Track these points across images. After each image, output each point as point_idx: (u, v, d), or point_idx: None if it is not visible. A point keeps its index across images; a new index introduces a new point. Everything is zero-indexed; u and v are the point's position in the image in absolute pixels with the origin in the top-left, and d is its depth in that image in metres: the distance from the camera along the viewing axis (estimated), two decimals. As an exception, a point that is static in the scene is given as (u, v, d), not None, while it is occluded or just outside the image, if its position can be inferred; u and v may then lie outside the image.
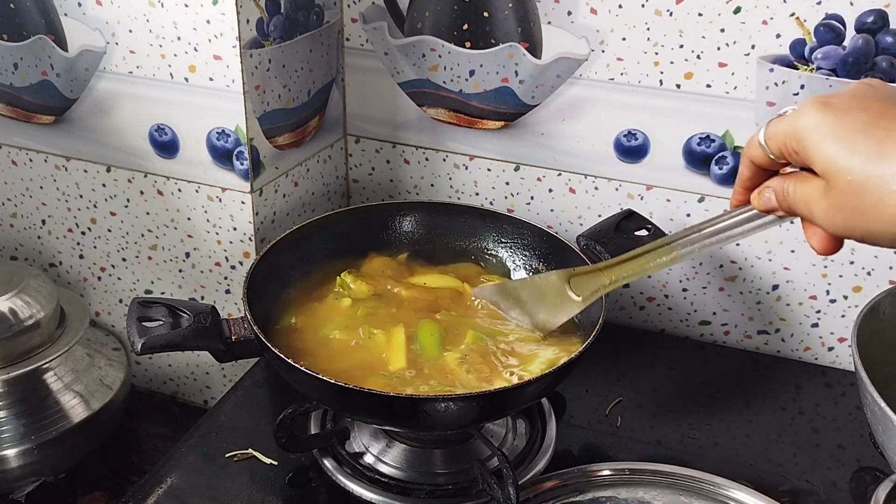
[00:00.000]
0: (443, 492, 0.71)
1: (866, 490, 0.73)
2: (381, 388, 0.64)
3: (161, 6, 0.80)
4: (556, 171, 0.94)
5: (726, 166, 0.86)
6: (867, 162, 0.43)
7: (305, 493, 0.72)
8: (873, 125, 0.44)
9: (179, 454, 0.75)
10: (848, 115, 0.45)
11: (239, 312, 0.94)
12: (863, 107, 0.45)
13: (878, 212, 0.43)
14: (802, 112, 0.47)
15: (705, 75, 0.83)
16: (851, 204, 0.45)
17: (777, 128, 0.49)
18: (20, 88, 0.92)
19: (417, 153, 0.99)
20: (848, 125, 0.44)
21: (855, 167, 0.44)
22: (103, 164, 0.93)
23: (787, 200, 0.50)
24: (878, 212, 0.43)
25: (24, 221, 1.03)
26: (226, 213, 0.88)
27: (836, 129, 0.45)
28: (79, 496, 0.93)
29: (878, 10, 0.75)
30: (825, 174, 0.46)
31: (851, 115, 0.45)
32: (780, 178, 0.51)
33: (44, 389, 0.90)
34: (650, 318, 0.98)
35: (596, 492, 0.70)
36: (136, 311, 0.67)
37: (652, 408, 0.85)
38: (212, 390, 1.05)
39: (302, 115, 0.91)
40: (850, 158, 0.44)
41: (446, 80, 0.93)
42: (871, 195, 0.43)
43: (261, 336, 0.66)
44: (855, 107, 0.45)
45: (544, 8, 0.86)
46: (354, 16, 0.94)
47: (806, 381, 0.90)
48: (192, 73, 0.82)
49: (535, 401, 0.78)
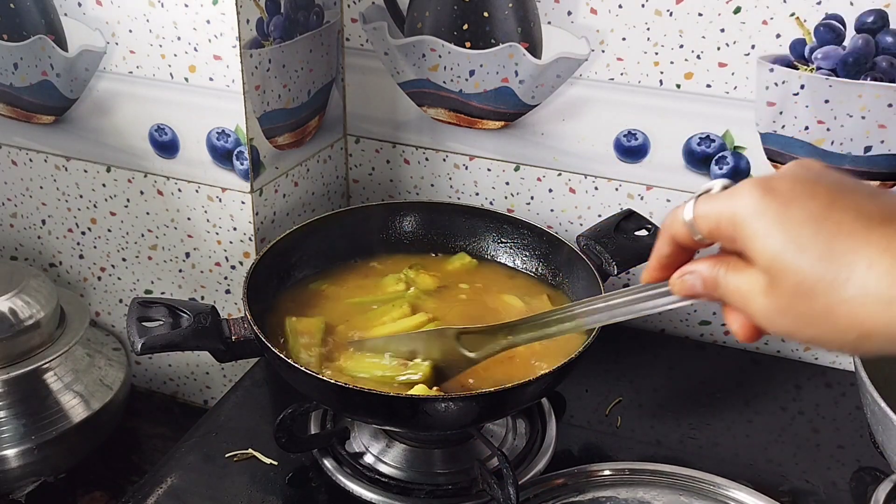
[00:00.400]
0: (443, 492, 0.71)
1: (866, 490, 0.73)
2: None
3: (161, 6, 0.80)
4: (556, 171, 0.94)
5: (726, 166, 0.86)
6: (817, 262, 0.38)
7: (305, 493, 0.72)
8: (823, 217, 0.38)
9: (179, 454, 0.75)
10: (794, 204, 0.39)
11: (239, 312, 0.94)
12: (810, 193, 0.39)
13: (828, 320, 0.38)
14: (741, 194, 0.40)
15: (705, 75, 0.83)
16: (798, 308, 0.39)
17: (710, 207, 0.42)
18: (20, 88, 0.92)
19: (417, 153, 0.99)
20: (795, 216, 0.39)
21: (804, 268, 0.38)
22: (103, 164, 0.93)
23: (717, 290, 0.44)
24: (829, 320, 0.38)
25: (24, 221, 1.03)
26: (226, 213, 0.88)
27: (781, 219, 0.39)
28: (79, 496, 0.93)
29: (878, 10, 0.75)
30: (768, 271, 0.40)
31: (798, 203, 0.39)
32: (709, 264, 0.44)
33: (44, 389, 0.90)
34: (650, 318, 0.97)
35: (596, 492, 0.70)
36: (136, 311, 0.67)
37: (652, 408, 0.85)
38: (212, 390, 1.04)
39: (302, 115, 0.91)
40: (798, 257, 0.38)
41: (446, 80, 0.93)
42: (820, 301, 0.38)
43: (261, 336, 0.66)
44: (801, 193, 0.39)
45: (544, 8, 0.86)
46: (354, 16, 0.94)
47: (806, 381, 0.90)
48: (192, 73, 0.82)
49: (535, 401, 0.78)
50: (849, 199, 0.39)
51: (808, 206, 0.39)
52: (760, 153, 0.85)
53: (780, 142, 0.83)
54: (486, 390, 0.62)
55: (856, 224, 0.38)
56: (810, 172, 0.41)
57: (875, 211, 0.38)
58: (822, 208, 0.38)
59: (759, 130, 0.84)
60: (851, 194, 0.39)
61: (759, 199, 0.40)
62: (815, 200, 0.39)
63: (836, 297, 0.37)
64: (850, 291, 0.37)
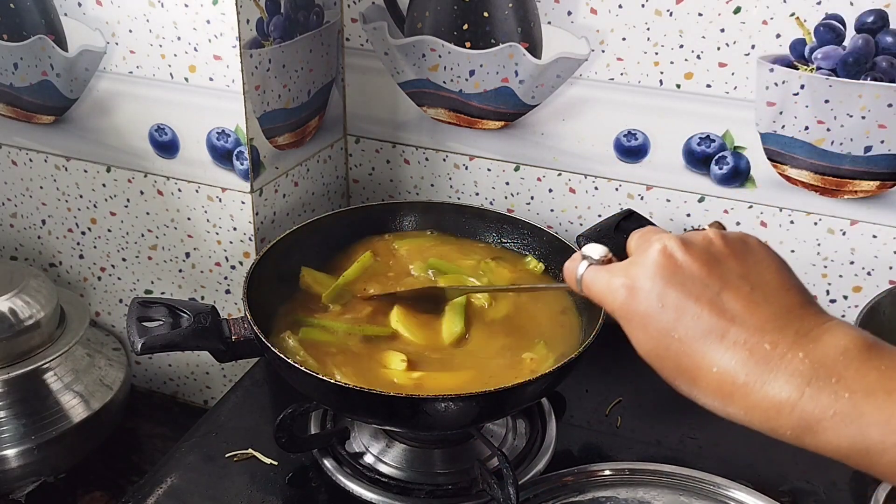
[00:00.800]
0: (443, 492, 0.71)
1: (866, 490, 0.73)
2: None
3: (161, 6, 0.80)
4: (556, 171, 0.94)
5: (726, 166, 0.86)
6: (673, 371, 0.45)
7: (305, 493, 0.72)
8: (670, 334, 0.44)
9: (179, 454, 0.75)
10: (650, 316, 0.45)
11: (239, 312, 0.94)
12: (661, 300, 0.45)
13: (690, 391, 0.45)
14: (613, 289, 0.48)
15: (705, 75, 0.83)
16: (664, 371, 0.46)
17: (593, 285, 0.50)
18: (20, 88, 0.92)
19: (417, 153, 0.99)
20: (651, 326, 0.45)
21: (665, 369, 0.46)
22: (103, 164, 0.93)
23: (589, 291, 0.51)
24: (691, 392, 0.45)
25: (24, 221, 1.03)
26: (226, 213, 0.88)
27: (642, 328, 0.46)
28: (79, 496, 0.93)
29: (878, 10, 0.75)
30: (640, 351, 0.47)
31: (652, 314, 0.45)
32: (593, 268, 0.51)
33: (44, 389, 0.90)
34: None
35: (596, 492, 0.70)
36: (136, 311, 0.67)
37: (652, 408, 0.85)
38: (212, 390, 1.04)
39: (302, 115, 0.91)
40: (660, 363, 0.46)
41: (446, 80, 0.93)
42: (682, 388, 0.45)
43: (261, 336, 0.66)
44: (655, 299, 0.45)
45: (544, 8, 0.86)
46: (354, 16, 0.94)
47: (806, 381, 0.90)
48: (192, 73, 0.82)
49: (535, 401, 0.78)
50: (691, 310, 0.44)
51: (661, 318, 0.45)
52: (760, 153, 0.85)
53: (780, 142, 0.83)
54: (486, 390, 0.62)
55: (696, 346, 0.44)
56: (668, 270, 0.45)
57: (713, 324, 0.43)
58: (670, 323, 0.44)
59: (759, 130, 0.84)
60: (696, 302, 0.44)
61: (624, 301, 0.47)
62: (665, 312, 0.45)
63: (692, 392, 0.45)
64: (698, 393, 0.44)
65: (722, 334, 0.43)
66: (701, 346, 0.43)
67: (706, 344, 0.43)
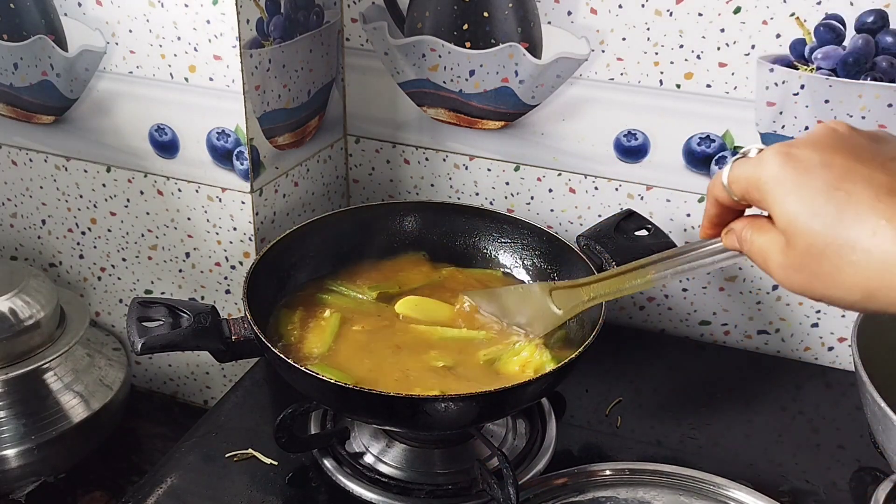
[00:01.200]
0: (443, 492, 0.71)
1: (866, 490, 0.73)
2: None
3: (161, 6, 0.80)
4: (556, 171, 0.94)
5: (727, 167, 0.86)
6: (828, 227, 0.42)
7: (305, 493, 0.72)
8: (835, 187, 0.42)
9: (179, 454, 0.75)
10: (810, 173, 0.43)
11: (239, 312, 0.94)
12: (826, 163, 0.43)
13: (836, 279, 0.42)
14: (765, 160, 0.46)
15: (705, 75, 0.83)
16: (810, 267, 0.43)
17: (740, 172, 0.48)
18: (20, 88, 0.92)
19: (417, 153, 0.99)
20: (810, 184, 0.43)
21: (816, 231, 0.43)
22: (103, 164, 0.93)
23: (745, 247, 0.50)
24: (837, 279, 0.42)
25: (24, 221, 1.03)
26: (226, 213, 0.88)
27: (798, 186, 0.44)
28: (79, 496, 0.93)
29: (878, 10, 0.75)
30: (786, 232, 0.45)
31: (813, 172, 0.43)
32: (742, 223, 0.51)
33: (44, 389, 0.90)
34: (650, 318, 0.97)
35: (596, 492, 0.70)
36: (136, 311, 0.67)
37: (652, 408, 0.85)
38: (212, 390, 1.05)
39: (302, 115, 0.91)
40: (811, 221, 0.43)
41: (446, 80, 0.93)
42: (829, 262, 0.42)
43: (261, 336, 0.66)
44: (818, 163, 0.43)
45: (544, 8, 0.86)
46: (354, 16, 0.94)
47: (806, 381, 0.90)
48: (192, 73, 0.82)
49: (535, 401, 0.78)
50: (862, 170, 0.42)
51: (823, 175, 0.43)
52: (760, 153, 0.85)
53: (780, 142, 0.83)
54: (487, 390, 0.62)
55: (864, 195, 0.41)
56: (834, 138, 0.45)
57: (885, 182, 0.41)
58: (836, 178, 0.42)
59: (759, 130, 0.84)
60: (866, 165, 0.43)
61: (779, 167, 0.45)
62: (830, 170, 0.43)
63: (844, 259, 0.42)
64: (856, 255, 0.41)
65: (894, 189, 0.41)
66: (868, 199, 0.41)
67: (876, 199, 0.41)
